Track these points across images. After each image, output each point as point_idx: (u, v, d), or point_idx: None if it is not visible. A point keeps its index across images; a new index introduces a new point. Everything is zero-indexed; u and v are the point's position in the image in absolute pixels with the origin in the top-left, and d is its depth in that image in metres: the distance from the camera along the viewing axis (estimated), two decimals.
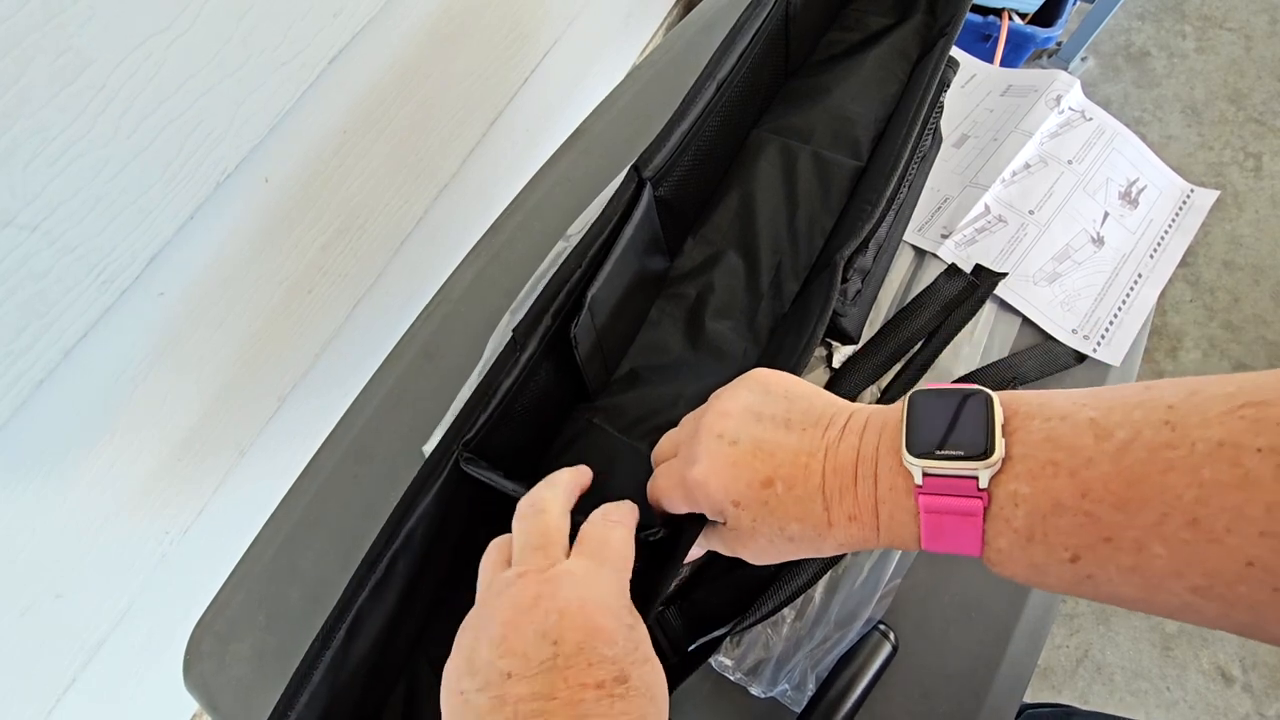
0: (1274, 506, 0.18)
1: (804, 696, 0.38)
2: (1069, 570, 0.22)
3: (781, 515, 0.27)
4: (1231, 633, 0.21)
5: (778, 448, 0.28)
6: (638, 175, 0.40)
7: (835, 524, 0.27)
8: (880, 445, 0.26)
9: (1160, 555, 0.20)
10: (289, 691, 0.32)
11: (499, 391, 0.36)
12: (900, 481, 0.25)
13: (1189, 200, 0.53)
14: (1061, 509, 0.22)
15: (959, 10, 0.49)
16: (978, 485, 0.23)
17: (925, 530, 0.25)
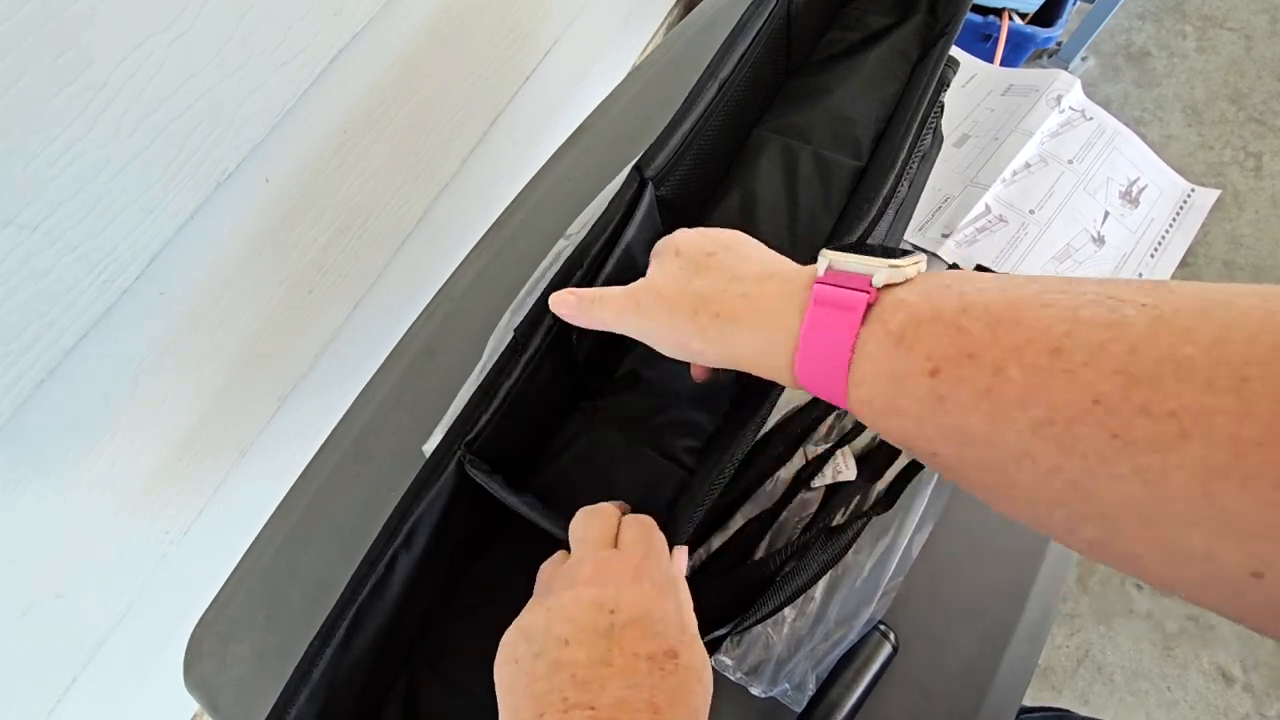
0: (1137, 349, 0.18)
1: (804, 697, 0.38)
2: (926, 386, 0.22)
3: (704, 292, 0.29)
4: (1049, 509, 0.20)
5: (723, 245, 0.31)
6: (639, 175, 0.40)
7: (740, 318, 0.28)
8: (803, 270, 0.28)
9: (1014, 380, 0.20)
10: (289, 689, 0.32)
11: (500, 392, 0.36)
12: (805, 279, 0.27)
13: (1190, 200, 0.53)
14: (938, 318, 0.22)
15: (959, 10, 0.49)
16: (871, 282, 0.24)
17: (805, 324, 0.25)
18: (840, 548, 0.39)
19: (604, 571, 0.27)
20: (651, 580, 0.27)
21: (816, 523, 0.42)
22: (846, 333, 0.24)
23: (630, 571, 0.28)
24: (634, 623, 0.25)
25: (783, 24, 0.48)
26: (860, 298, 0.24)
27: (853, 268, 0.25)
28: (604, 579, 0.27)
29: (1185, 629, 0.99)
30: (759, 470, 0.43)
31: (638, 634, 0.25)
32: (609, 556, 0.29)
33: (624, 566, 0.28)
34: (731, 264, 0.29)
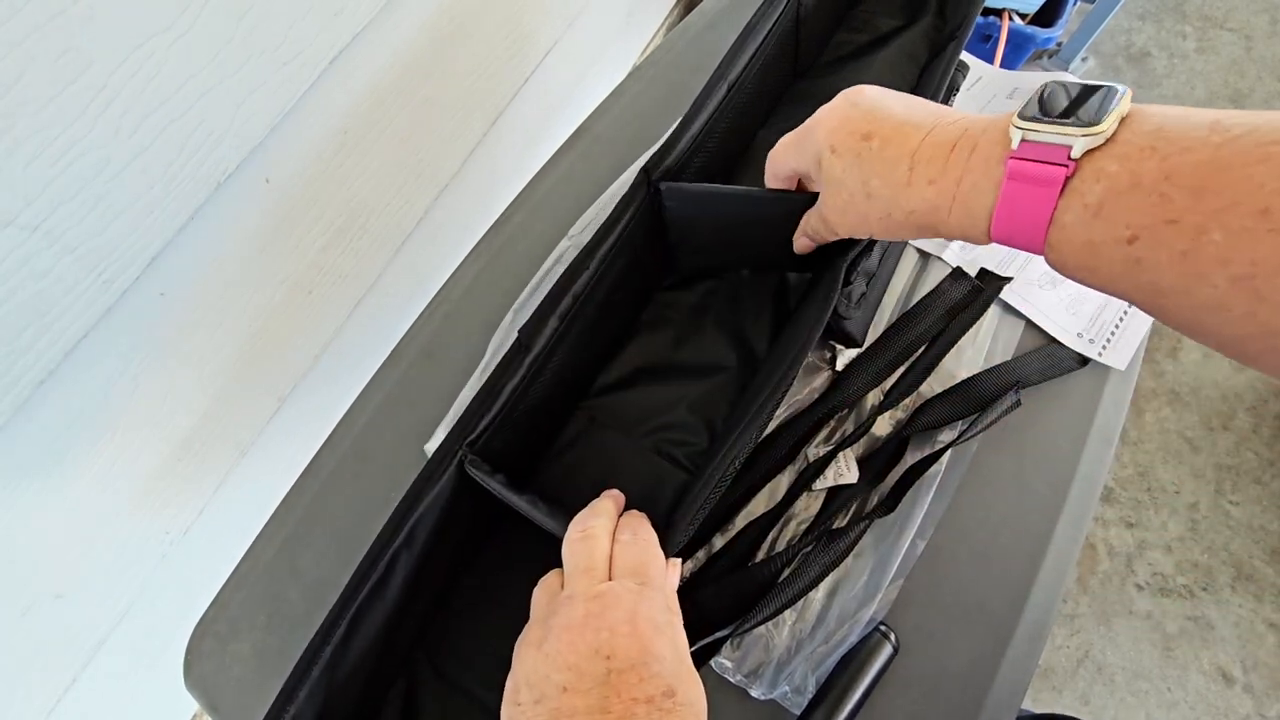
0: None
1: (804, 699, 0.38)
2: (1122, 252, 0.23)
3: (868, 169, 0.30)
4: (1237, 343, 0.21)
5: (889, 114, 0.31)
6: (647, 177, 0.40)
7: (914, 184, 0.29)
8: (990, 126, 0.27)
9: (1215, 241, 0.21)
10: (288, 687, 0.32)
11: (504, 393, 0.36)
12: (996, 152, 0.26)
13: None
14: (1138, 188, 0.22)
15: (969, 13, 0.48)
16: (1069, 154, 0.24)
17: (1001, 199, 0.26)
18: (841, 551, 0.39)
19: (599, 616, 0.27)
20: (647, 618, 0.27)
21: (817, 525, 0.42)
22: (1044, 207, 0.25)
23: (625, 613, 0.27)
24: (631, 668, 0.25)
25: (791, 26, 0.48)
26: (1058, 173, 0.24)
27: (1049, 139, 0.25)
28: (599, 623, 0.27)
29: (1185, 629, 0.99)
30: (761, 472, 0.43)
31: (635, 678, 0.25)
32: (604, 595, 0.28)
33: (619, 609, 0.27)
34: (891, 156, 0.30)
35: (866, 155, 0.30)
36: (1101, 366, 0.47)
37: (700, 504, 0.33)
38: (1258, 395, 1.13)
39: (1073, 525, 0.43)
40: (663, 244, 0.45)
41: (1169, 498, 1.08)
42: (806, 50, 0.53)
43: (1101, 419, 0.46)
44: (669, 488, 0.42)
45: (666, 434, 0.44)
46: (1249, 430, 1.11)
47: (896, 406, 0.45)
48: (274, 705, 0.32)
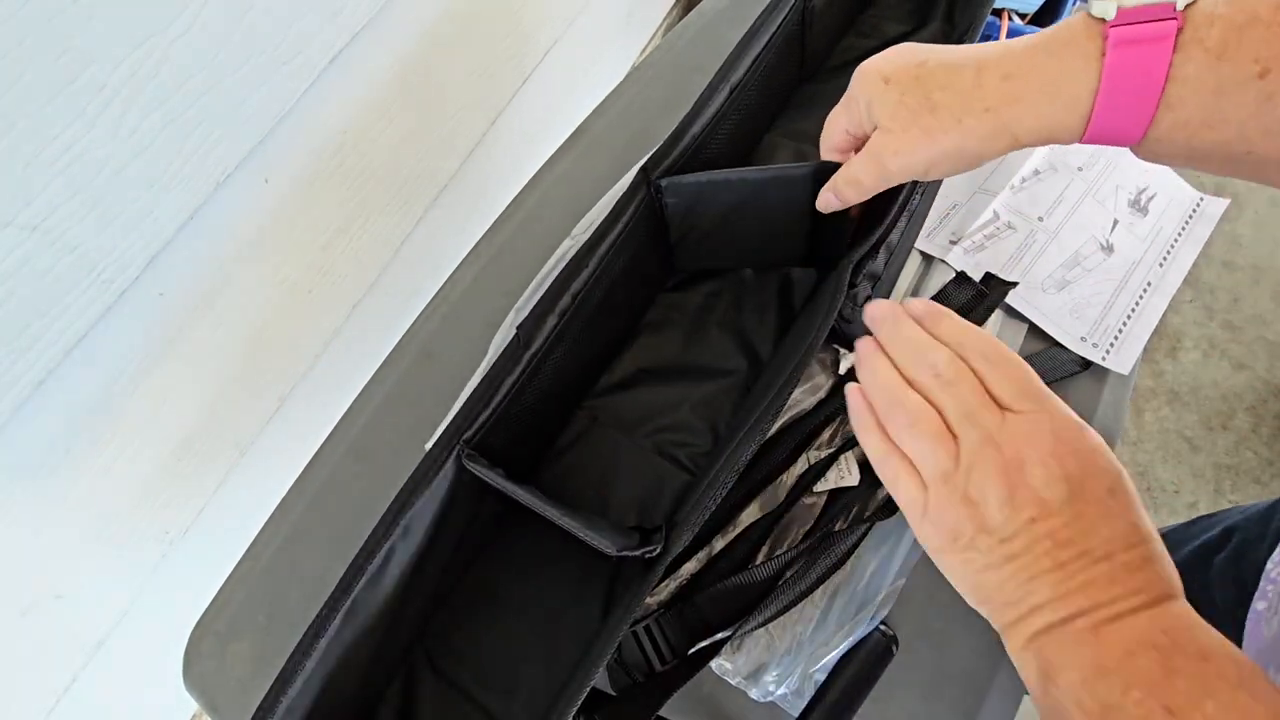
0: None
1: (804, 700, 0.38)
2: (1254, 89, 0.23)
3: (929, 83, 0.29)
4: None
5: (936, 48, 0.30)
6: (646, 177, 0.40)
7: (985, 84, 0.27)
8: (1059, 28, 0.27)
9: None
10: (282, 678, 0.31)
11: (502, 388, 0.36)
12: (1082, 32, 0.26)
13: (1199, 208, 0.52)
14: (1256, 21, 0.23)
15: (977, 17, 0.48)
16: (1175, 8, 0.24)
17: (1109, 68, 0.25)
18: (842, 554, 0.39)
19: (1033, 446, 0.25)
20: (1070, 423, 0.26)
21: (819, 528, 0.42)
22: (1159, 65, 0.24)
23: (1048, 437, 0.26)
24: (1093, 470, 0.25)
25: (797, 29, 0.48)
26: (1169, 26, 0.24)
27: None
28: (1036, 451, 0.25)
29: None
30: (762, 474, 0.43)
31: (1099, 477, 0.25)
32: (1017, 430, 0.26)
33: (1040, 436, 0.26)
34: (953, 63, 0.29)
35: (924, 74, 0.29)
36: (1105, 371, 0.47)
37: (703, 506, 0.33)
38: (1257, 395, 1.13)
39: None
40: (664, 243, 0.45)
41: (1168, 497, 1.08)
42: (813, 54, 0.53)
43: (1101, 420, 0.46)
44: (670, 489, 0.42)
45: (669, 435, 0.44)
46: (1248, 430, 1.11)
47: None
48: (267, 695, 0.31)
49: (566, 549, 0.38)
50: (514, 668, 0.38)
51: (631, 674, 0.38)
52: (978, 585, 0.27)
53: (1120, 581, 0.23)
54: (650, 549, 0.33)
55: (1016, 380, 0.27)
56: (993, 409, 0.27)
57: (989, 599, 0.26)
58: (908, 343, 0.29)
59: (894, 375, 0.29)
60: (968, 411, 0.27)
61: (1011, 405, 0.27)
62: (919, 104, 0.29)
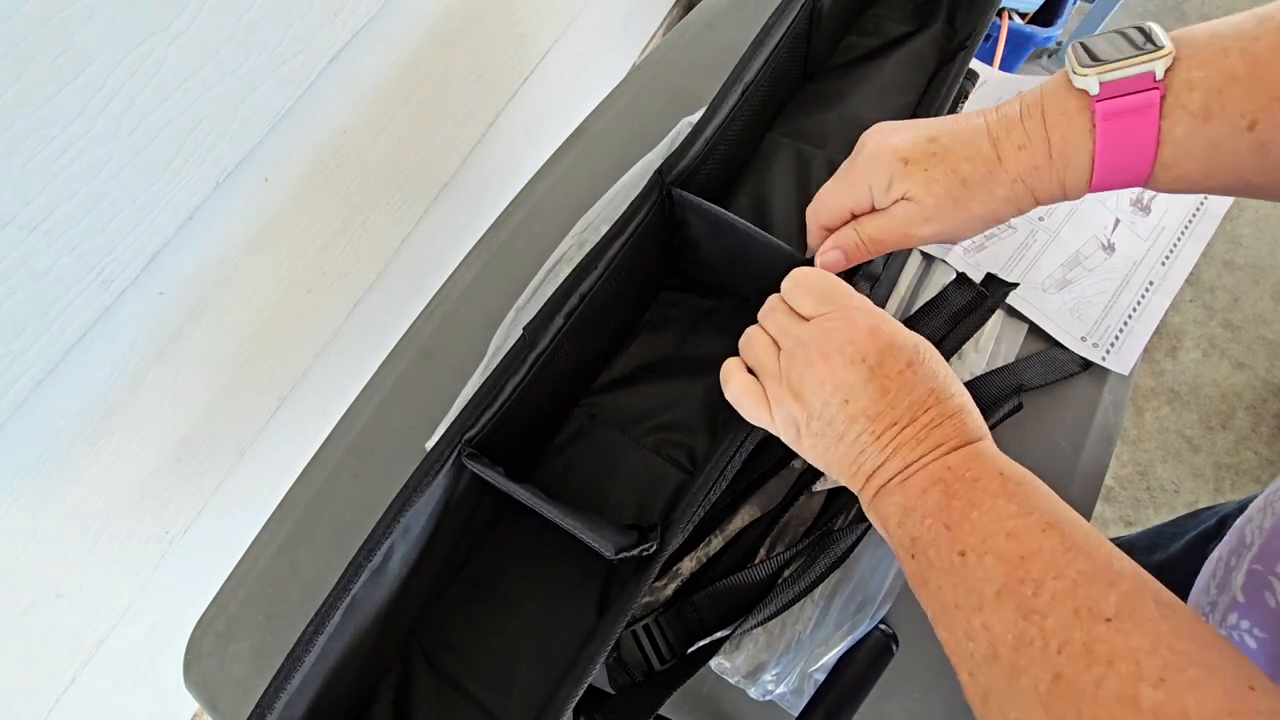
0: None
1: (803, 700, 0.38)
2: (1246, 141, 0.24)
3: (953, 159, 0.31)
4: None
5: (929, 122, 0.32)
6: (661, 179, 0.40)
7: (1005, 157, 0.30)
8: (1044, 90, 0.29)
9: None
10: (281, 673, 0.32)
11: (506, 389, 0.36)
12: (1072, 104, 0.28)
13: (1203, 207, 0.52)
14: (1235, 80, 0.24)
15: (980, 22, 0.48)
16: (1154, 77, 0.26)
17: (1101, 140, 0.27)
18: (841, 553, 0.39)
19: (830, 341, 0.30)
20: (866, 315, 0.30)
21: (818, 527, 0.42)
22: (1149, 133, 0.26)
23: (847, 326, 0.30)
24: (882, 357, 0.29)
25: (805, 28, 0.48)
26: (1152, 96, 0.25)
27: (1127, 73, 0.26)
28: (836, 344, 0.30)
29: None
30: (760, 473, 0.43)
31: (890, 361, 0.29)
32: (821, 328, 0.31)
33: (841, 328, 0.30)
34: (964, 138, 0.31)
35: (941, 150, 0.31)
36: (1105, 371, 0.47)
37: (699, 504, 0.33)
38: (1257, 394, 1.13)
39: None
40: (670, 245, 0.45)
41: (1169, 497, 1.08)
42: (817, 53, 0.53)
43: (1101, 420, 0.46)
44: (667, 486, 0.42)
45: (666, 433, 0.44)
46: (1248, 429, 1.11)
47: None
48: (266, 691, 0.31)
49: (564, 547, 0.38)
50: (510, 664, 0.38)
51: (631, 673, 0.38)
52: (829, 464, 0.31)
53: (924, 440, 0.28)
54: (646, 546, 0.33)
55: (813, 292, 0.32)
56: (798, 320, 0.32)
57: (841, 473, 0.30)
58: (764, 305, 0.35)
59: None
60: (781, 328, 0.32)
61: (813, 313, 0.32)
62: (949, 178, 0.31)
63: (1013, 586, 0.22)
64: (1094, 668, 0.20)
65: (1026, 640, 0.21)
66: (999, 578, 0.23)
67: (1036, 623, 0.21)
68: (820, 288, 0.32)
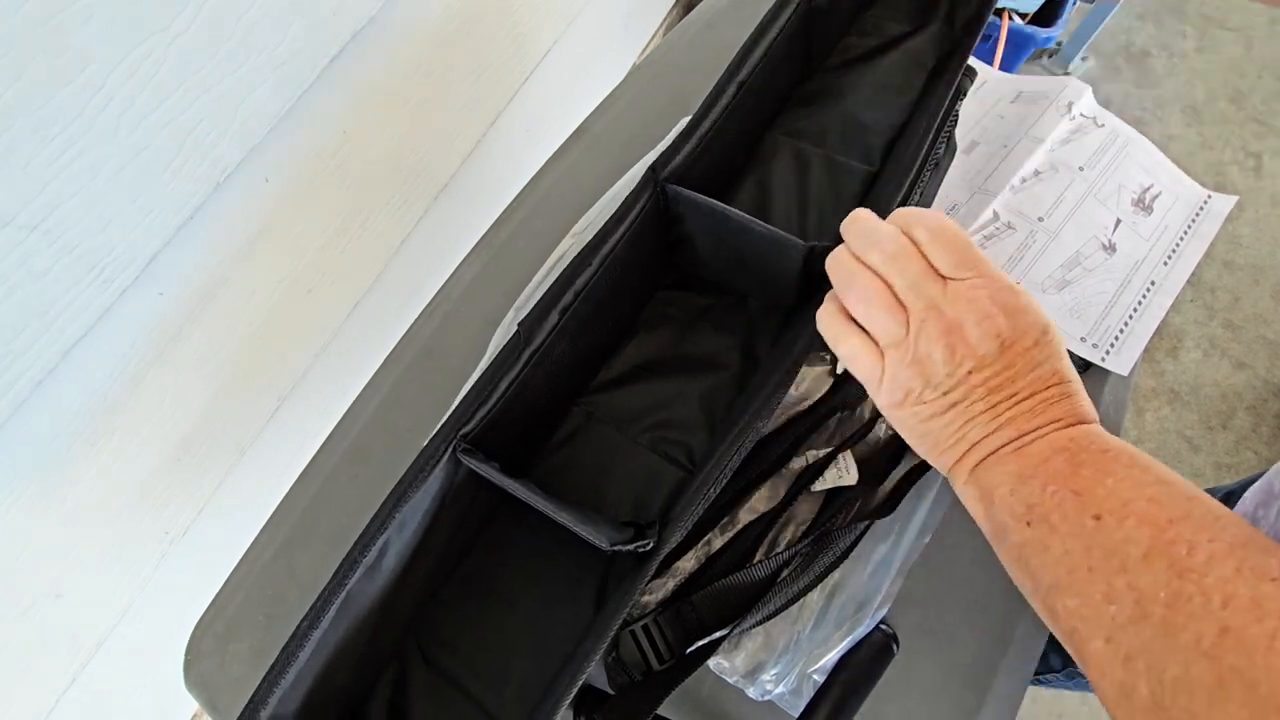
0: None
1: (802, 700, 0.38)
2: None
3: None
4: None
5: None
6: (654, 176, 0.40)
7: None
8: None
9: None
10: (275, 668, 0.31)
11: (501, 384, 0.36)
12: None
13: (1206, 206, 0.52)
14: None
15: (978, 20, 0.48)
16: None
17: None
18: (840, 552, 0.39)
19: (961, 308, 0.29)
20: (998, 288, 0.29)
21: (817, 526, 0.42)
22: None
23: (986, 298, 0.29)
24: (1021, 329, 0.28)
25: (801, 27, 0.48)
26: None
27: None
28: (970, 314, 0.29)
29: None
30: (758, 472, 0.43)
31: (1026, 335, 0.28)
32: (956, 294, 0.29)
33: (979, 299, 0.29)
34: None
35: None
36: (1103, 371, 0.47)
37: (697, 502, 0.33)
38: (1257, 394, 1.13)
39: None
40: (666, 242, 0.45)
41: None
42: (815, 52, 0.53)
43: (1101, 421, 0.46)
44: (665, 485, 0.42)
45: (664, 431, 0.44)
46: (1248, 429, 1.11)
47: None
48: (260, 685, 0.31)
49: (561, 543, 0.38)
50: (506, 661, 0.38)
51: (629, 673, 0.38)
52: (925, 433, 0.30)
53: (1040, 414, 0.28)
54: (643, 543, 0.33)
55: (955, 251, 0.30)
56: (935, 279, 0.30)
57: (936, 444, 0.30)
58: (860, 229, 0.32)
59: (850, 258, 0.32)
60: (913, 283, 0.30)
61: (951, 274, 0.30)
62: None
63: (1162, 548, 0.22)
64: (1266, 621, 0.19)
65: (1184, 597, 0.21)
66: (1145, 540, 0.22)
67: (1194, 580, 0.21)
68: (963, 247, 0.30)
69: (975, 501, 0.29)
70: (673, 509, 0.36)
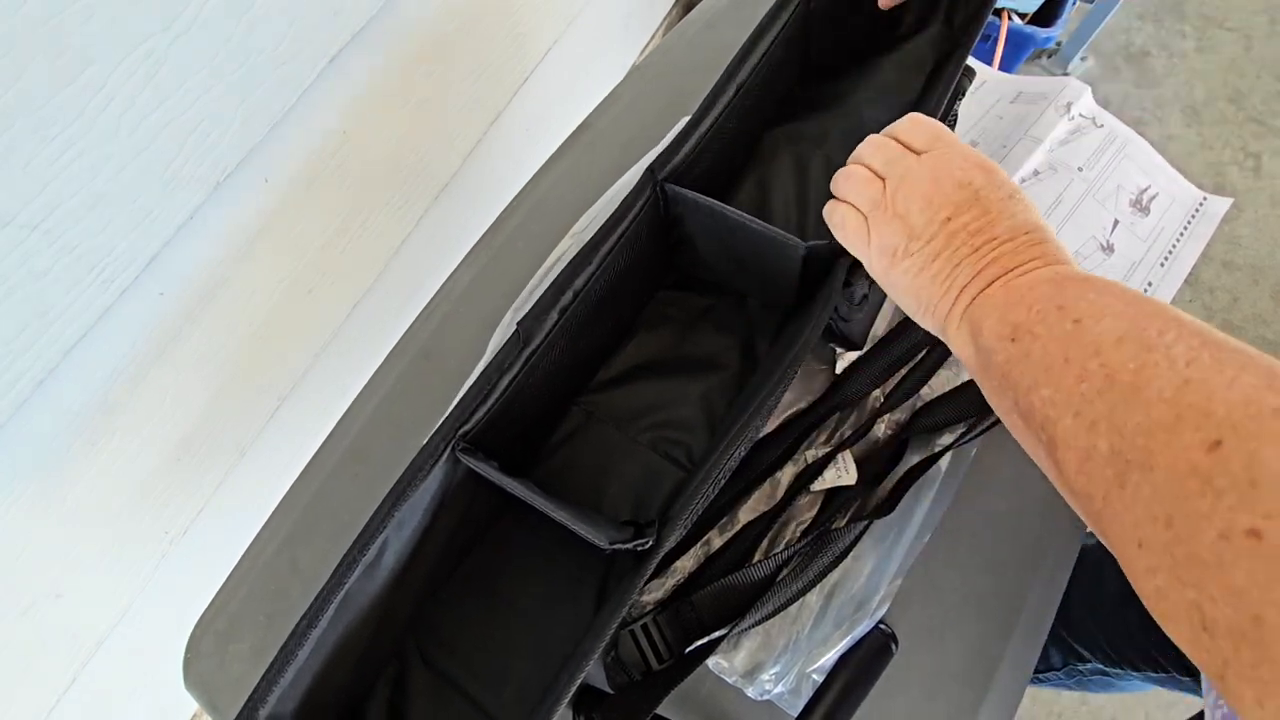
0: None
1: (801, 700, 0.38)
2: None
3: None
4: None
5: None
6: (653, 176, 0.40)
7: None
8: None
9: None
10: (274, 667, 0.31)
11: (501, 383, 0.36)
12: None
13: (1202, 208, 0.52)
14: None
15: (976, 20, 0.48)
16: None
17: None
18: (839, 552, 0.39)
19: (941, 166, 0.32)
20: (973, 151, 0.32)
21: (816, 526, 0.42)
22: None
23: (959, 155, 0.32)
24: (988, 181, 0.31)
25: (800, 28, 0.48)
26: None
27: None
28: (945, 170, 0.32)
29: None
30: (757, 472, 0.43)
31: (994, 186, 0.31)
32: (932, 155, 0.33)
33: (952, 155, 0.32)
34: None
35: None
36: None
37: (696, 501, 0.33)
38: None
39: (1072, 524, 0.43)
40: (666, 243, 0.45)
41: None
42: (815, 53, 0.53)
43: None
44: (664, 484, 0.42)
45: (664, 431, 0.44)
46: None
47: (897, 409, 0.45)
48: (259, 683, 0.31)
49: (560, 543, 0.38)
50: (505, 660, 0.38)
51: (629, 672, 0.38)
52: (918, 290, 0.32)
53: (1022, 253, 0.29)
54: (642, 542, 0.33)
55: (927, 131, 0.34)
56: (909, 154, 0.33)
57: (930, 299, 0.31)
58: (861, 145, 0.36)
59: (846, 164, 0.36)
60: (891, 159, 0.34)
61: (926, 149, 0.33)
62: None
63: (1134, 334, 0.23)
64: (1225, 371, 0.20)
65: (1150, 364, 0.22)
66: (1119, 330, 0.24)
67: (1162, 351, 0.22)
68: (936, 129, 0.34)
69: (965, 343, 0.30)
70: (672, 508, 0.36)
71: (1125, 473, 0.21)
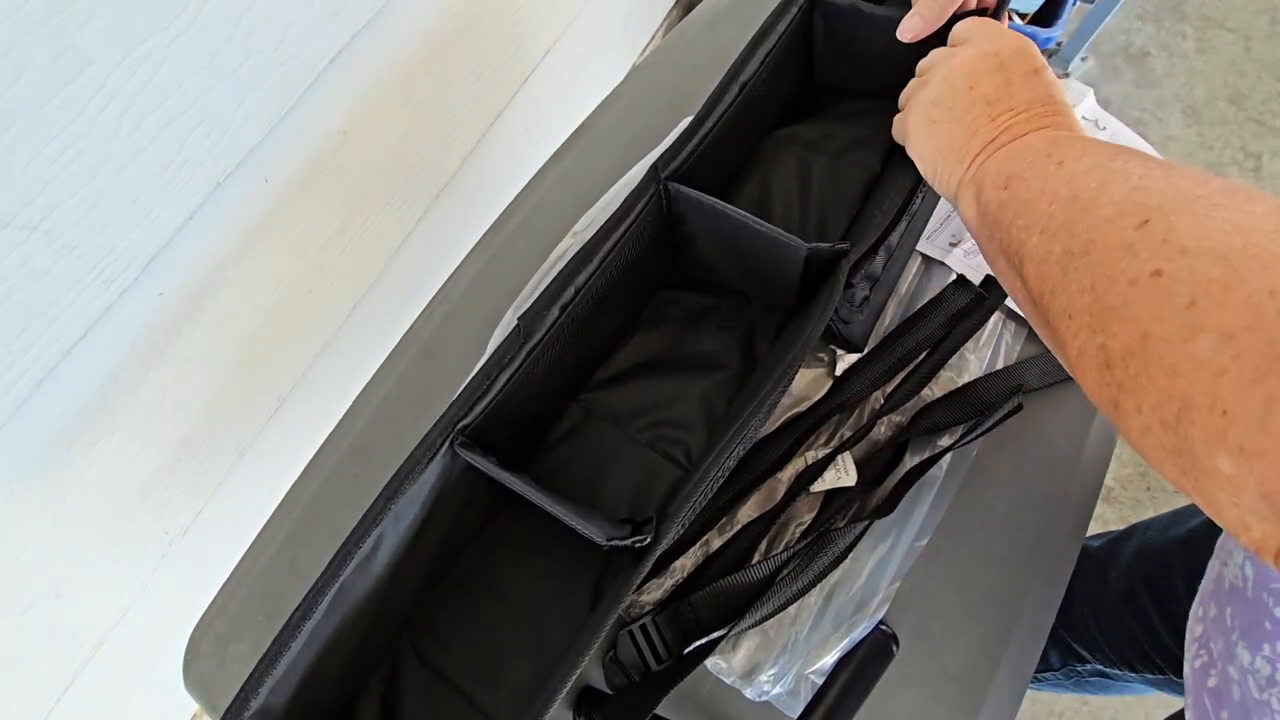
0: None
1: (798, 701, 0.38)
2: None
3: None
4: None
5: None
6: (656, 175, 0.40)
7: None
8: None
9: None
10: (266, 659, 0.31)
11: (500, 379, 0.36)
12: None
13: None
14: None
15: None
16: None
17: None
18: (838, 553, 0.39)
19: (980, 44, 0.35)
20: (1012, 31, 0.35)
21: (815, 527, 0.42)
22: None
23: (994, 31, 0.35)
24: (1015, 54, 0.33)
25: (804, 28, 0.48)
26: None
27: None
28: (981, 48, 0.34)
29: None
30: (757, 472, 0.43)
31: (1019, 60, 0.33)
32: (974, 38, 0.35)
33: (986, 37, 0.35)
34: None
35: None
36: None
37: (694, 500, 0.33)
38: None
39: (1072, 525, 0.43)
40: (668, 242, 0.45)
41: (1169, 497, 1.08)
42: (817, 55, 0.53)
43: (1101, 420, 0.46)
44: (663, 483, 0.42)
45: (663, 429, 0.44)
46: None
47: (896, 410, 0.45)
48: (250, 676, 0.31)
49: (558, 540, 0.38)
50: (500, 658, 0.38)
51: (628, 673, 0.38)
52: (939, 150, 0.34)
53: (1035, 121, 0.32)
54: (640, 538, 0.33)
55: (970, 26, 0.37)
56: (950, 50, 0.36)
57: (949, 157, 0.34)
58: None
59: None
60: (935, 61, 0.37)
61: (965, 40, 0.36)
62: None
63: (1104, 163, 0.26)
64: (1171, 180, 0.23)
65: (1110, 182, 0.24)
66: (1092, 163, 0.26)
67: (1123, 172, 0.24)
68: (978, 23, 0.37)
69: (971, 201, 0.32)
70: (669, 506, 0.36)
71: (1069, 263, 0.24)
